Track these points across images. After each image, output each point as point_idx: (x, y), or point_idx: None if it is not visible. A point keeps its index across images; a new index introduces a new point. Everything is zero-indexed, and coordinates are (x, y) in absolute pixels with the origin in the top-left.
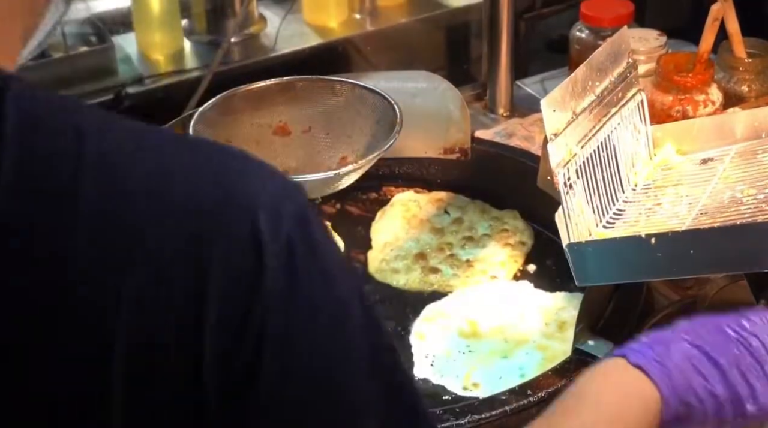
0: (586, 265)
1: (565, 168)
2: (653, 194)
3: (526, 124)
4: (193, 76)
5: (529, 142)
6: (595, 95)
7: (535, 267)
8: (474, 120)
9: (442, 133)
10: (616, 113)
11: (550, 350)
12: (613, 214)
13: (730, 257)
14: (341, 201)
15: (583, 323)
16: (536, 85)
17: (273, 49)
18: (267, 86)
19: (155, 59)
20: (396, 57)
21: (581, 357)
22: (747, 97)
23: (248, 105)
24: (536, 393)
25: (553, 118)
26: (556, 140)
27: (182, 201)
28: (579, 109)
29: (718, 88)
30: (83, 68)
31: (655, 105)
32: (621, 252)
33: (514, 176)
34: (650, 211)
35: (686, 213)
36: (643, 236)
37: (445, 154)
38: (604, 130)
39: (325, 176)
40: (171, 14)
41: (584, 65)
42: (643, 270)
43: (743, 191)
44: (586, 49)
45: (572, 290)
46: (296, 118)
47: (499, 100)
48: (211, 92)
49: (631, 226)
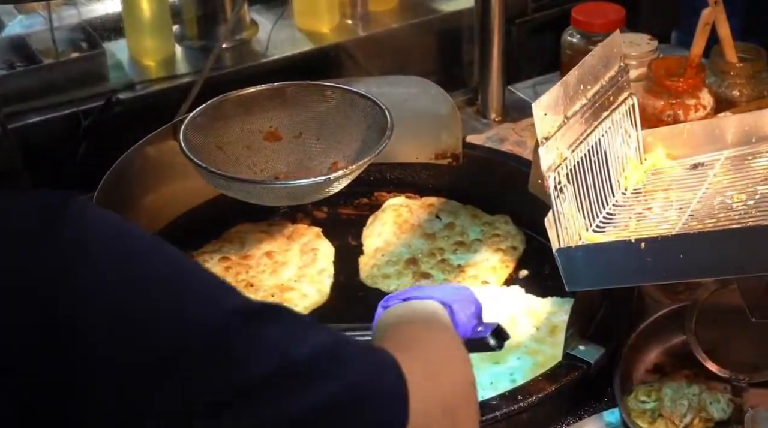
0: (576, 270)
1: (555, 172)
2: (643, 198)
3: (518, 129)
4: (184, 82)
5: (521, 146)
6: (587, 99)
7: (527, 272)
8: (465, 125)
9: (433, 138)
10: (608, 117)
11: (541, 355)
12: (603, 218)
13: (720, 262)
14: (332, 206)
15: (574, 328)
16: (528, 89)
17: (264, 54)
18: (258, 92)
19: (146, 65)
20: (387, 62)
21: (572, 362)
22: (738, 102)
23: (239, 110)
24: (527, 399)
25: (545, 122)
26: (547, 144)
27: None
28: (570, 113)
29: (709, 93)
30: (74, 74)
31: (646, 109)
32: (611, 256)
33: (506, 181)
34: (640, 215)
35: (676, 218)
36: (633, 241)
37: (436, 159)
38: (595, 134)
39: (316, 181)
40: (162, 20)
41: (576, 69)
42: (633, 275)
43: (733, 196)
44: (577, 53)
45: (563, 295)
46: (287, 124)
47: (490, 105)
48: (202, 98)
49: (621, 231)
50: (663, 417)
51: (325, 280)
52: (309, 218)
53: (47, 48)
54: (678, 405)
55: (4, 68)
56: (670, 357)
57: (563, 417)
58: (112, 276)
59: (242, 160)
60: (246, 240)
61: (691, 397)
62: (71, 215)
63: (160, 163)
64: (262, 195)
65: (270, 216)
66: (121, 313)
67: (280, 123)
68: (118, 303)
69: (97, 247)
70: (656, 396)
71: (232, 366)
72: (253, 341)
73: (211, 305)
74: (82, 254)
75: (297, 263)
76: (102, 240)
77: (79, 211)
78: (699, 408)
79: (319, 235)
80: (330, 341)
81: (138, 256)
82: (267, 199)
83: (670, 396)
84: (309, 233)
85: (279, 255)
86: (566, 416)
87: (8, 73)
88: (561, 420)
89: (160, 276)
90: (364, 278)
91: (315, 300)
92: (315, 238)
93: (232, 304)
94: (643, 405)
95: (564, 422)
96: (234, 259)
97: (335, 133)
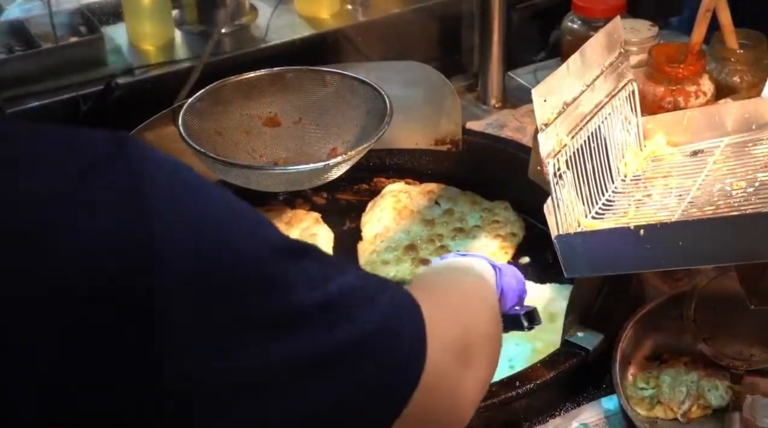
0: (574, 257)
1: (555, 158)
2: (643, 185)
3: (518, 115)
4: (183, 67)
5: (521, 133)
6: (587, 85)
7: (528, 259)
8: (465, 111)
9: (433, 124)
10: (607, 104)
11: (540, 341)
12: (602, 205)
13: (719, 249)
14: (331, 192)
15: (573, 314)
16: (528, 75)
17: (264, 39)
18: (257, 77)
19: (145, 50)
20: (387, 48)
21: (571, 349)
22: (739, 88)
23: (239, 95)
24: (525, 385)
25: (544, 108)
26: (547, 130)
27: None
28: (570, 100)
29: (709, 79)
30: (73, 59)
31: (646, 96)
32: (610, 243)
33: (506, 167)
34: (640, 202)
35: (676, 204)
36: (632, 227)
37: (436, 145)
38: (595, 121)
39: (315, 167)
40: (161, 5)
41: (576, 55)
42: (632, 262)
43: (733, 184)
44: (578, 39)
45: (562, 282)
46: (287, 109)
47: (491, 91)
48: (201, 83)
49: (621, 217)
50: (661, 404)
51: None
52: (308, 204)
53: (46, 32)
54: (676, 392)
55: (3, 52)
56: (669, 344)
57: (561, 403)
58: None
59: (241, 145)
60: None
61: (690, 384)
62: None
63: (159, 148)
64: (261, 180)
65: (269, 202)
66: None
67: (279, 108)
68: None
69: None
70: (655, 383)
71: (272, 295)
72: (292, 275)
73: (258, 242)
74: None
75: None
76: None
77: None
78: (697, 395)
79: (318, 221)
80: (357, 281)
81: (192, 196)
82: (266, 185)
83: (668, 383)
84: (308, 219)
85: None
86: (564, 402)
87: (7, 57)
88: (559, 406)
89: (212, 216)
90: (363, 264)
91: None
92: (314, 224)
93: (273, 242)
94: (642, 392)
95: (562, 408)
96: None
97: (335, 119)
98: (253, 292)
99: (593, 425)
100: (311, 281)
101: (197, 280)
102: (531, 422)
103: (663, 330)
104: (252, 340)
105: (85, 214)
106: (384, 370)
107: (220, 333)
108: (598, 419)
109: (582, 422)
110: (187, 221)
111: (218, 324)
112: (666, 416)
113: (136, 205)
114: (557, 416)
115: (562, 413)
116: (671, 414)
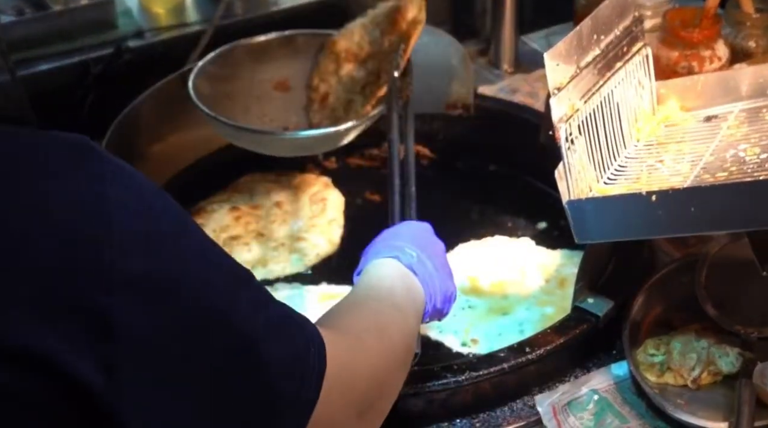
0: (585, 222)
1: (567, 123)
2: (655, 151)
3: (531, 80)
4: (194, 30)
5: (533, 97)
6: (600, 50)
7: (545, 224)
8: (477, 75)
9: (444, 88)
10: (621, 68)
11: (551, 306)
12: (614, 170)
13: (731, 215)
14: (342, 157)
15: (583, 280)
16: (541, 40)
17: (275, 3)
18: (268, 41)
19: (156, 13)
20: None
21: (581, 315)
22: (754, 53)
23: (249, 59)
24: (535, 351)
25: (557, 72)
26: (559, 95)
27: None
28: (583, 64)
29: (724, 44)
30: (83, 21)
31: (660, 60)
32: (621, 209)
33: (518, 132)
34: (652, 167)
35: (688, 170)
36: (644, 193)
37: (447, 109)
38: (608, 85)
39: (325, 132)
40: None
41: (589, 19)
42: (644, 228)
43: (746, 150)
44: (591, 3)
45: (573, 247)
46: (297, 73)
47: (503, 56)
48: (212, 46)
49: (633, 183)
50: (671, 371)
51: (335, 231)
52: (318, 168)
53: None
54: (687, 358)
55: (14, 15)
56: (680, 311)
57: (571, 369)
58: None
59: (252, 109)
60: (255, 190)
61: (700, 351)
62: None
63: (169, 112)
64: (271, 145)
65: (279, 166)
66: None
67: (290, 72)
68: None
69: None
70: (665, 350)
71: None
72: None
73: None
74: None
75: (307, 213)
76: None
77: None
78: (708, 361)
79: (328, 185)
80: (278, 314)
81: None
82: (276, 150)
83: (678, 350)
84: (318, 183)
85: (288, 205)
86: (574, 368)
87: (17, 19)
88: (569, 372)
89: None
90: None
91: (326, 249)
92: (324, 188)
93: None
94: (652, 358)
95: (572, 374)
96: (244, 209)
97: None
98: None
99: (603, 391)
100: (248, 306)
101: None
102: (540, 387)
103: (674, 297)
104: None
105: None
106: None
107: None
108: (607, 385)
109: (592, 388)
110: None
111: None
112: (676, 382)
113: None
114: (567, 382)
115: (572, 379)
116: (681, 381)
